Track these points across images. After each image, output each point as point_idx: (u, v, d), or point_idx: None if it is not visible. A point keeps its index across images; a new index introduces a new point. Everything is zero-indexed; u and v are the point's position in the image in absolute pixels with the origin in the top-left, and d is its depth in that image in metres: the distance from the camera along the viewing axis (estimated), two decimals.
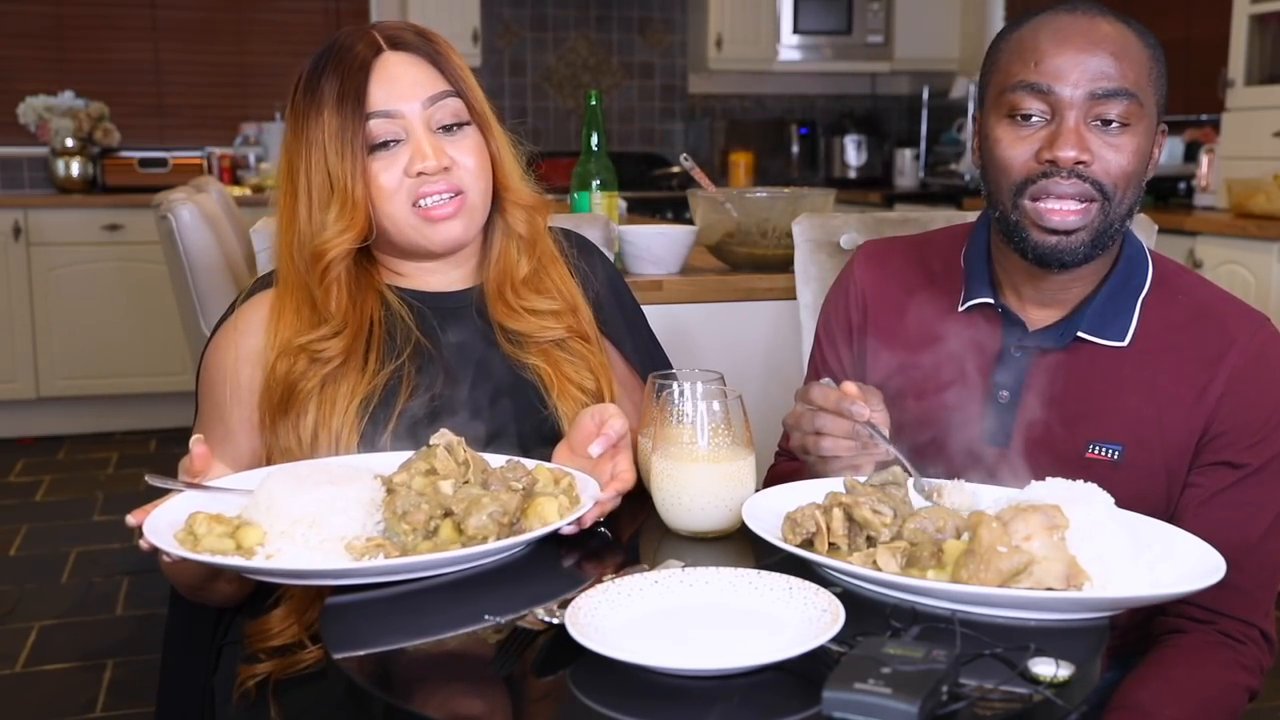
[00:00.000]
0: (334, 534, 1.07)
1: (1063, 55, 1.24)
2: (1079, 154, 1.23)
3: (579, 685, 0.87)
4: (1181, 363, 1.28)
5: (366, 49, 1.36)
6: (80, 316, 4.87)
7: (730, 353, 2.34)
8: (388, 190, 1.34)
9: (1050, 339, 1.32)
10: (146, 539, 1.04)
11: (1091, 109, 1.23)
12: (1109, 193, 1.25)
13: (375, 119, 1.33)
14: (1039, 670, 0.86)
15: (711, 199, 2.49)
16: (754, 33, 5.88)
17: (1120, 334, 1.31)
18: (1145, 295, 1.32)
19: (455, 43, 5.64)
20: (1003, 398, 1.33)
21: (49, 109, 5.11)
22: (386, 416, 1.33)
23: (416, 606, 1.03)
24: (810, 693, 0.82)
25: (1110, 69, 1.23)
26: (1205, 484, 1.27)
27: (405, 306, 1.40)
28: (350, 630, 0.98)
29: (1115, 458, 1.28)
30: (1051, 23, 1.26)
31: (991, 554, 0.96)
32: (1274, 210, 3.66)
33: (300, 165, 1.35)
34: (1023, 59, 1.26)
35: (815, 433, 1.22)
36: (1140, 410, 1.28)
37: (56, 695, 2.70)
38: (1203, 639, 1.24)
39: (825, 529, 1.07)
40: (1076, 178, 1.24)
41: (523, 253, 1.45)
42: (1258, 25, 4.05)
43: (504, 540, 1.08)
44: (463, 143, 1.37)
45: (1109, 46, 1.24)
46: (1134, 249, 1.35)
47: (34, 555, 3.57)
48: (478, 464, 1.18)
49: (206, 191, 3.15)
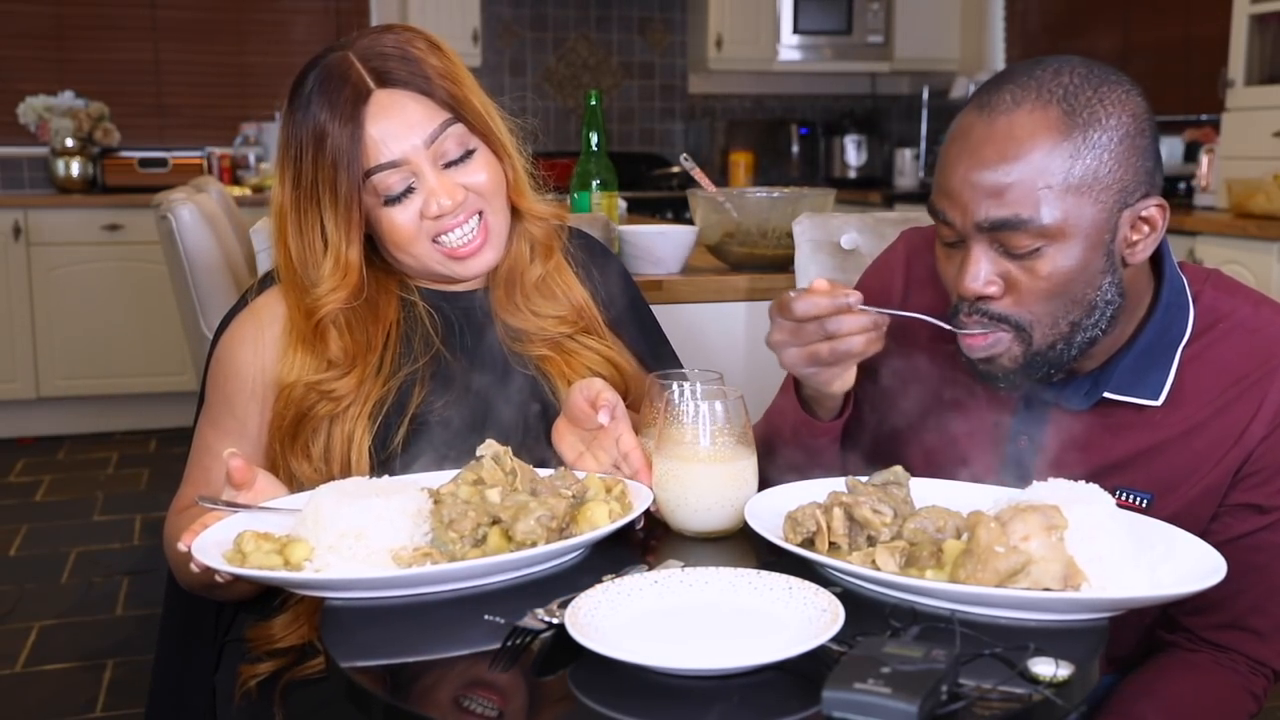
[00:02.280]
0: (381, 546, 1.05)
1: (954, 177, 1.12)
2: (980, 288, 1.13)
3: (579, 685, 0.88)
4: (1223, 407, 1.18)
5: (354, 93, 1.29)
6: (80, 316, 4.87)
7: (730, 353, 2.34)
8: (408, 234, 1.32)
9: (1074, 399, 1.22)
10: (197, 560, 1.04)
11: (991, 236, 1.11)
12: (1019, 323, 1.14)
13: (382, 172, 1.30)
14: (1038, 670, 0.86)
15: (711, 199, 2.49)
16: (754, 33, 5.88)
17: (1154, 392, 1.19)
18: (1185, 345, 1.20)
19: (455, 43, 5.61)
20: (1022, 443, 1.26)
21: (49, 109, 5.11)
22: (399, 420, 1.32)
23: (417, 607, 1.03)
24: (810, 693, 0.82)
25: (1000, 192, 1.09)
26: (1231, 525, 1.20)
27: (428, 309, 1.39)
28: (350, 631, 0.98)
29: (1144, 505, 1.20)
30: (960, 125, 1.14)
31: (989, 554, 0.96)
32: (1274, 210, 3.66)
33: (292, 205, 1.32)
34: (937, 175, 1.16)
35: (827, 338, 1.14)
36: (1174, 462, 1.19)
37: (56, 695, 2.70)
38: (1210, 658, 1.21)
39: (826, 528, 1.08)
40: (979, 313, 1.15)
41: (536, 256, 1.44)
42: (1258, 25, 4.04)
43: (554, 545, 1.07)
44: (472, 168, 1.35)
45: (1002, 159, 1.08)
46: (1173, 294, 1.21)
47: (34, 555, 3.57)
48: (525, 473, 1.17)
49: (206, 191, 3.15)
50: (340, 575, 1.03)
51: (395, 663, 0.95)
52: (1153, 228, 1.15)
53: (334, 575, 1.03)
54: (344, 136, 1.28)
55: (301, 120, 1.31)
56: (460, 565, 1.04)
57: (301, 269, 1.33)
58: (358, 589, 1.04)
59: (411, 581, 1.03)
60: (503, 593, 1.05)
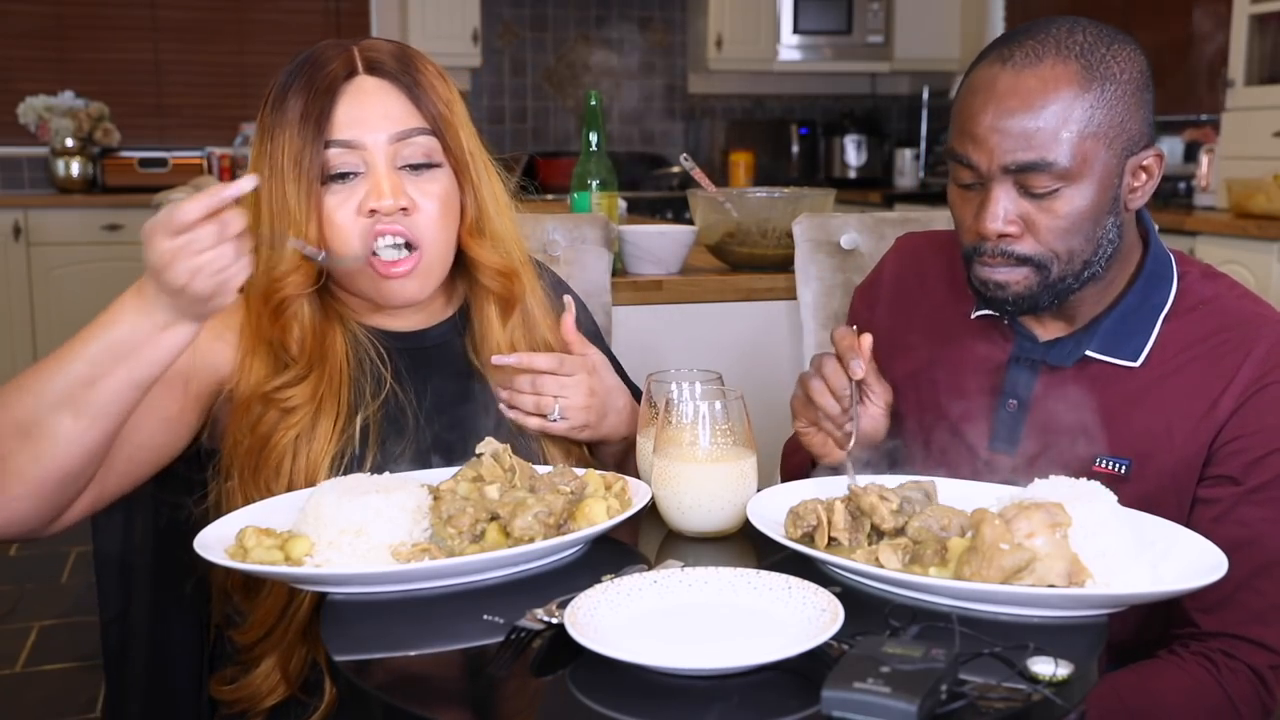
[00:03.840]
0: (381, 542, 1.06)
1: (980, 122, 1.20)
2: (1001, 227, 1.21)
3: (578, 685, 0.87)
4: (1196, 377, 1.25)
5: (341, 68, 1.26)
6: (80, 316, 4.79)
7: (730, 353, 2.34)
8: (341, 228, 1.24)
9: (1059, 355, 1.30)
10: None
11: (1015, 178, 1.20)
12: (1040, 261, 1.23)
13: (335, 147, 1.23)
14: (1038, 669, 0.86)
15: (711, 199, 2.49)
16: (754, 33, 5.88)
17: (1133, 354, 1.28)
18: (1166, 313, 1.28)
19: (455, 43, 5.57)
20: (1010, 406, 1.32)
21: (49, 109, 5.11)
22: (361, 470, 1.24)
23: (416, 607, 1.03)
24: (809, 692, 0.82)
25: (1027, 137, 1.18)
26: (1212, 502, 1.24)
27: (375, 347, 1.31)
28: (350, 631, 0.98)
29: (1123, 471, 1.26)
30: (981, 76, 1.22)
31: (994, 551, 0.96)
32: (1274, 210, 3.65)
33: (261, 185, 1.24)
34: (956, 121, 1.24)
35: (816, 374, 1.27)
36: (1150, 425, 1.26)
37: (56, 695, 2.70)
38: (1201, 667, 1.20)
39: (826, 522, 1.08)
40: (1001, 254, 1.23)
41: (500, 313, 1.35)
42: (1258, 25, 4.05)
43: (551, 540, 1.07)
44: (428, 185, 1.27)
45: (1028, 109, 1.18)
46: (1158, 264, 1.31)
47: (34, 555, 3.57)
48: (525, 470, 1.17)
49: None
50: (339, 570, 1.03)
51: (395, 663, 0.95)
52: (1149, 176, 1.25)
53: (333, 570, 1.03)
54: (317, 106, 1.24)
55: (284, 90, 1.26)
56: (458, 561, 1.04)
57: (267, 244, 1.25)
58: (357, 584, 1.04)
59: (410, 577, 1.03)
60: (502, 592, 1.05)
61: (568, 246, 2.08)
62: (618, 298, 2.22)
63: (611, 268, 2.16)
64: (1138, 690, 1.20)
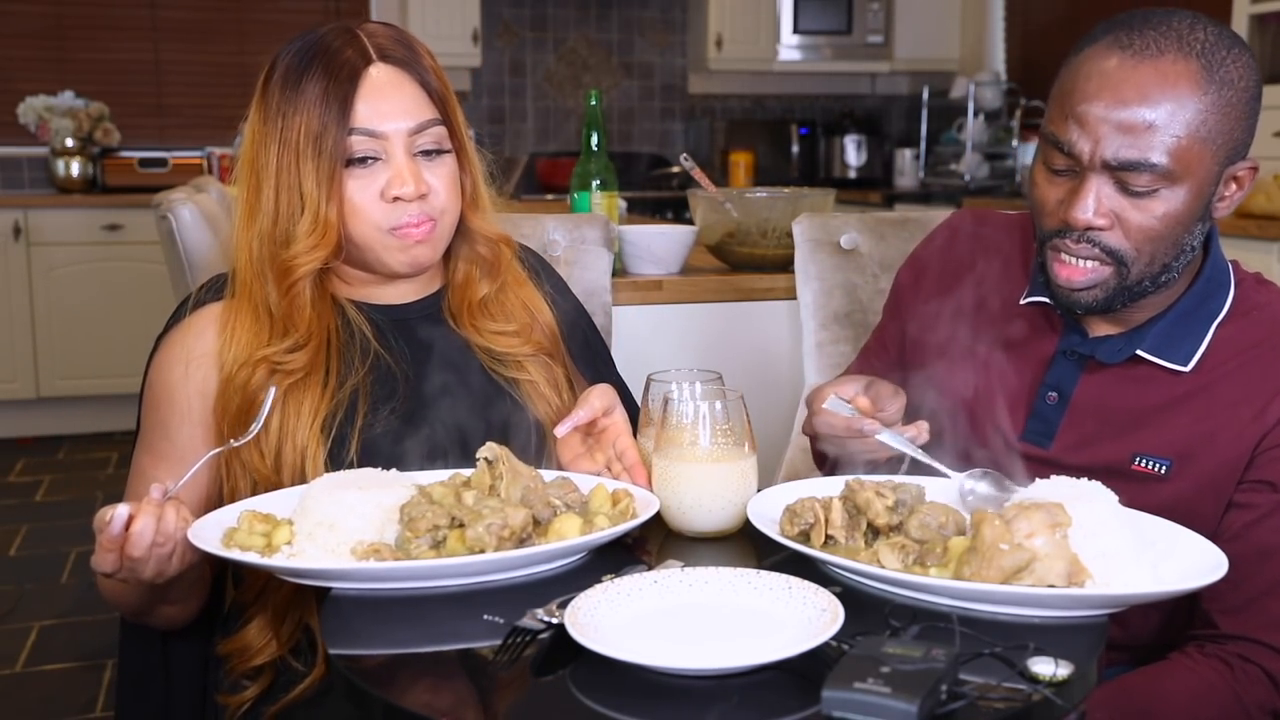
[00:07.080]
0: (350, 538, 1.07)
1: (1091, 111, 1.16)
2: (1092, 219, 1.18)
3: (579, 685, 0.87)
4: (1244, 382, 1.23)
5: (356, 57, 1.31)
6: (80, 316, 4.87)
7: (730, 353, 2.34)
8: (360, 208, 1.31)
9: (1108, 352, 1.28)
10: (104, 567, 1.15)
11: (1114, 173, 1.17)
12: (1124, 257, 1.20)
13: (357, 134, 1.30)
14: (1038, 669, 0.86)
15: (711, 199, 2.49)
16: (754, 33, 5.88)
17: (1184, 358, 1.25)
18: (1221, 320, 1.26)
19: (455, 43, 5.60)
20: (1050, 399, 1.30)
21: (49, 109, 5.11)
22: (351, 433, 1.29)
23: (417, 606, 1.03)
24: (810, 692, 0.82)
25: (1136, 133, 1.14)
26: (1248, 506, 1.22)
27: (363, 318, 1.37)
28: (350, 629, 0.98)
29: (1163, 472, 1.24)
30: (1095, 60, 1.18)
31: (994, 551, 0.96)
32: (1274, 210, 3.65)
33: (268, 162, 1.31)
34: (1060, 102, 1.20)
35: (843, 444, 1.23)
36: (1194, 428, 1.24)
37: (56, 695, 2.70)
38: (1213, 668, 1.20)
39: (823, 520, 1.08)
40: (1087, 242, 1.20)
41: (484, 276, 1.43)
42: (1258, 25, 4.04)
43: (502, 554, 1.05)
44: (439, 169, 1.34)
45: (1144, 102, 1.14)
46: (1216, 270, 1.28)
47: (34, 555, 3.57)
48: (521, 479, 1.16)
49: (206, 191, 3.14)
50: (286, 564, 1.06)
51: (394, 661, 0.95)
52: (1240, 187, 1.23)
53: (274, 562, 1.06)
54: (340, 92, 1.29)
55: (297, 72, 1.30)
56: (397, 565, 1.04)
57: (273, 220, 1.31)
58: (305, 578, 1.08)
59: (352, 576, 1.04)
60: (503, 592, 1.05)
61: (568, 246, 2.08)
62: (618, 298, 2.22)
63: (612, 268, 2.16)
64: (1146, 689, 1.20)
